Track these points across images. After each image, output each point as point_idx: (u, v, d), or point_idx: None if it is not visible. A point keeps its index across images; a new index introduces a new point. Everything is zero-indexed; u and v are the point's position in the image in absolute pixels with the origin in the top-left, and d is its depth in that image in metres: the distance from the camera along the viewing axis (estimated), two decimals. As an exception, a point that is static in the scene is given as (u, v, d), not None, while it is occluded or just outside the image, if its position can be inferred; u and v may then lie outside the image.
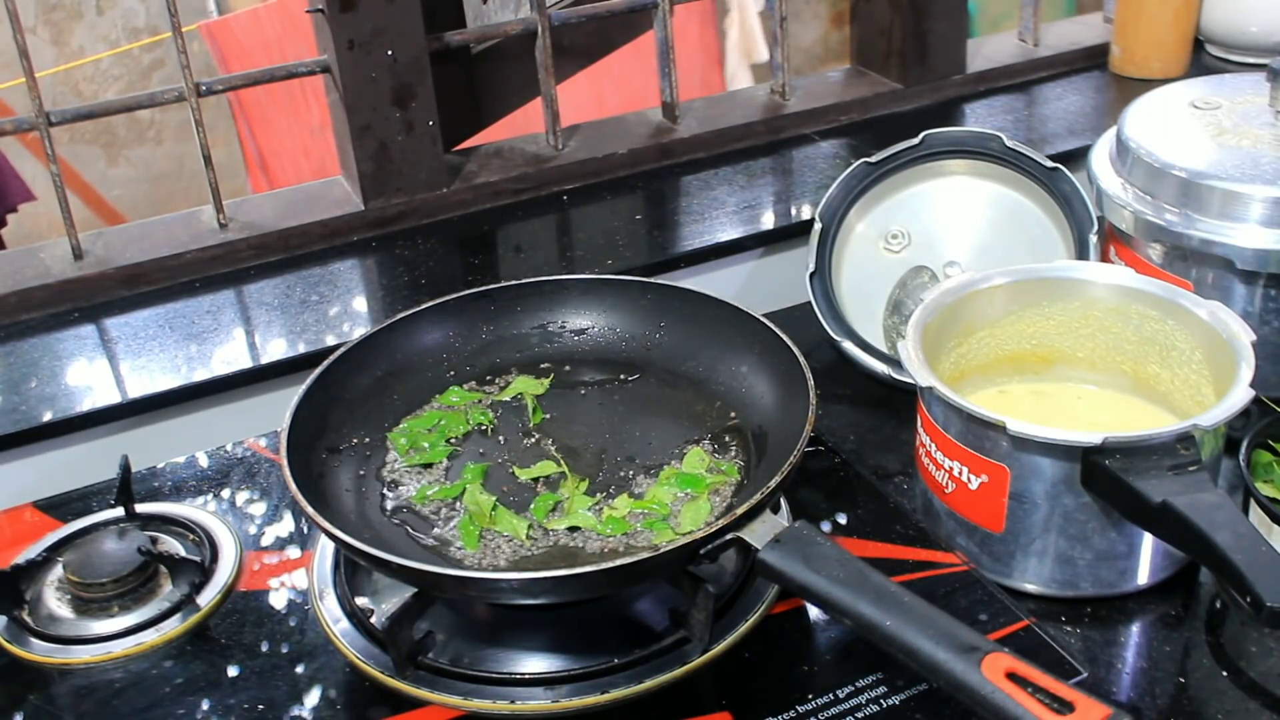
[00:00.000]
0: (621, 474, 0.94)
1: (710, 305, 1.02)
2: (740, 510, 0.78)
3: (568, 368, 1.04)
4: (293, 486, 0.84)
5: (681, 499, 0.90)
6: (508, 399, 1.01)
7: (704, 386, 1.00)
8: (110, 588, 0.92)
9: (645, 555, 0.78)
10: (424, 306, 1.04)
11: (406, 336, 1.02)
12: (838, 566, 0.74)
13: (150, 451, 1.10)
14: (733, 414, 0.97)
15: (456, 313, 1.04)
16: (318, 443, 0.94)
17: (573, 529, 0.89)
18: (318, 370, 0.96)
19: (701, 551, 0.79)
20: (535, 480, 0.93)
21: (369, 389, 0.99)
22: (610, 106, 1.71)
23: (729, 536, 0.78)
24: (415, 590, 0.83)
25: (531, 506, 0.90)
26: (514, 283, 1.06)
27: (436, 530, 0.90)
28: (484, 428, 0.99)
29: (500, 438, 0.98)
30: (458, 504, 0.92)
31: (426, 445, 0.97)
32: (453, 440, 0.98)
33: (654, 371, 1.03)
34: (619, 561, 0.77)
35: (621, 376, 1.03)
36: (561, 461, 0.94)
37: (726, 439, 0.96)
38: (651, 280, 1.06)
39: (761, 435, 0.95)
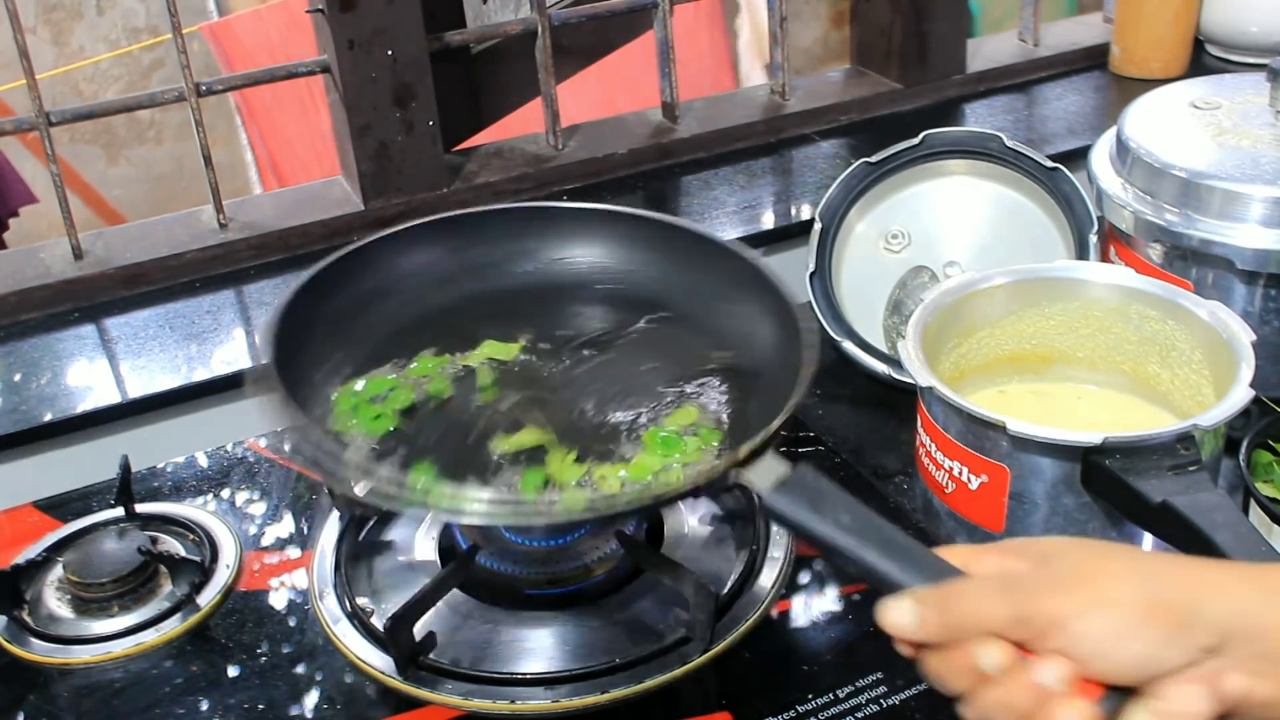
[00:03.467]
0: (614, 426, 0.87)
1: (704, 244, 0.96)
2: (742, 451, 0.74)
3: (556, 307, 0.97)
4: (279, 391, 0.79)
5: (669, 466, 0.84)
6: (475, 364, 0.92)
7: (695, 325, 0.94)
8: (110, 588, 0.92)
9: (646, 498, 0.75)
10: (399, 228, 0.97)
11: (380, 259, 0.96)
12: (844, 511, 0.71)
13: (150, 451, 1.10)
14: (725, 354, 0.92)
15: (433, 237, 0.97)
16: (300, 355, 0.87)
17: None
18: (306, 275, 0.90)
19: (701, 492, 0.76)
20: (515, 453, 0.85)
21: (353, 305, 0.93)
22: (621, 108, 1.71)
23: (731, 478, 0.75)
24: (418, 590, 0.83)
25: (519, 482, 0.82)
26: (495, 207, 1.01)
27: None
28: (440, 399, 0.89)
29: (471, 403, 0.89)
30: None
31: (364, 417, 0.87)
32: (399, 411, 0.87)
33: (649, 309, 0.96)
34: (625, 503, 0.76)
35: (616, 315, 0.96)
36: (546, 428, 0.86)
37: (720, 380, 0.90)
38: (647, 214, 1.01)
39: (756, 377, 0.89)
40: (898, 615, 0.63)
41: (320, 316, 0.91)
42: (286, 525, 1.00)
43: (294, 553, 0.97)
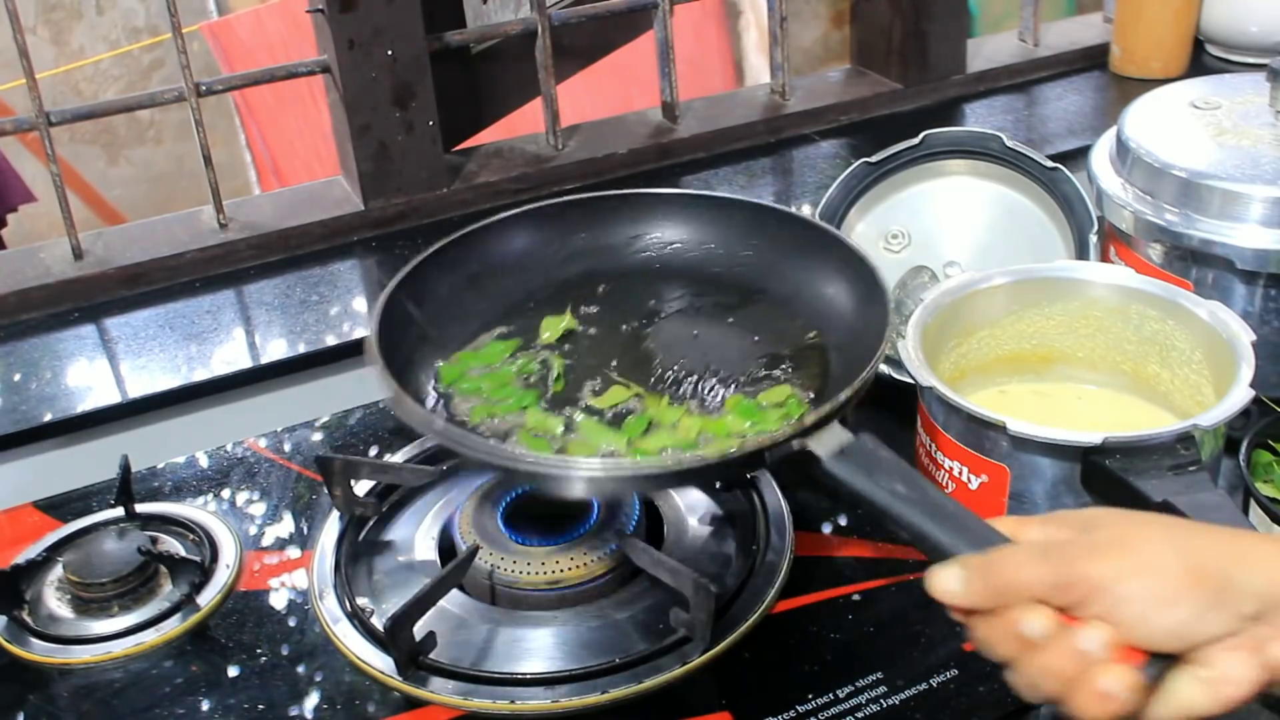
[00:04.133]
0: (702, 389, 0.91)
1: (797, 224, 1.01)
2: (810, 420, 0.78)
3: (643, 284, 1.01)
4: (382, 367, 0.82)
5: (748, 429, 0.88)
6: (554, 341, 0.96)
7: (788, 304, 0.98)
8: (110, 588, 0.92)
9: (713, 458, 0.78)
10: (522, 209, 1.01)
11: (501, 238, 1.00)
12: (899, 480, 0.73)
13: (150, 451, 1.10)
14: (813, 333, 0.96)
15: (555, 217, 1.02)
16: (409, 330, 0.91)
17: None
18: (416, 260, 0.94)
19: (769, 457, 0.78)
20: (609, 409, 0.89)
21: (460, 288, 0.97)
22: (639, 106, 1.71)
23: (796, 445, 0.78)
24: (418, 590, 0.83)
25: (623, 427, 0.87)
26: (610, 193, 1.04)
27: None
28: (530, 377, 0.93)
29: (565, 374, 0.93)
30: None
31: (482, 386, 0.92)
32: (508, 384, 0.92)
33: (739, 288, 1.00)
34: (691, 463, 0.78)
35: (706, 293, 1.01)
36: (631, 385, 0.91)
37: (806, 357, 0.94)
38: (743, 198, 1.05)
39: (840, 351, 0.93)
40: (945, 581, 0.65)
41: (430, 296, 0.94)
42: (286, 525, 1.00)
43: (294, 553, 0.97)
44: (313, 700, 0.84)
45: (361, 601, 0.90)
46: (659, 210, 1.03)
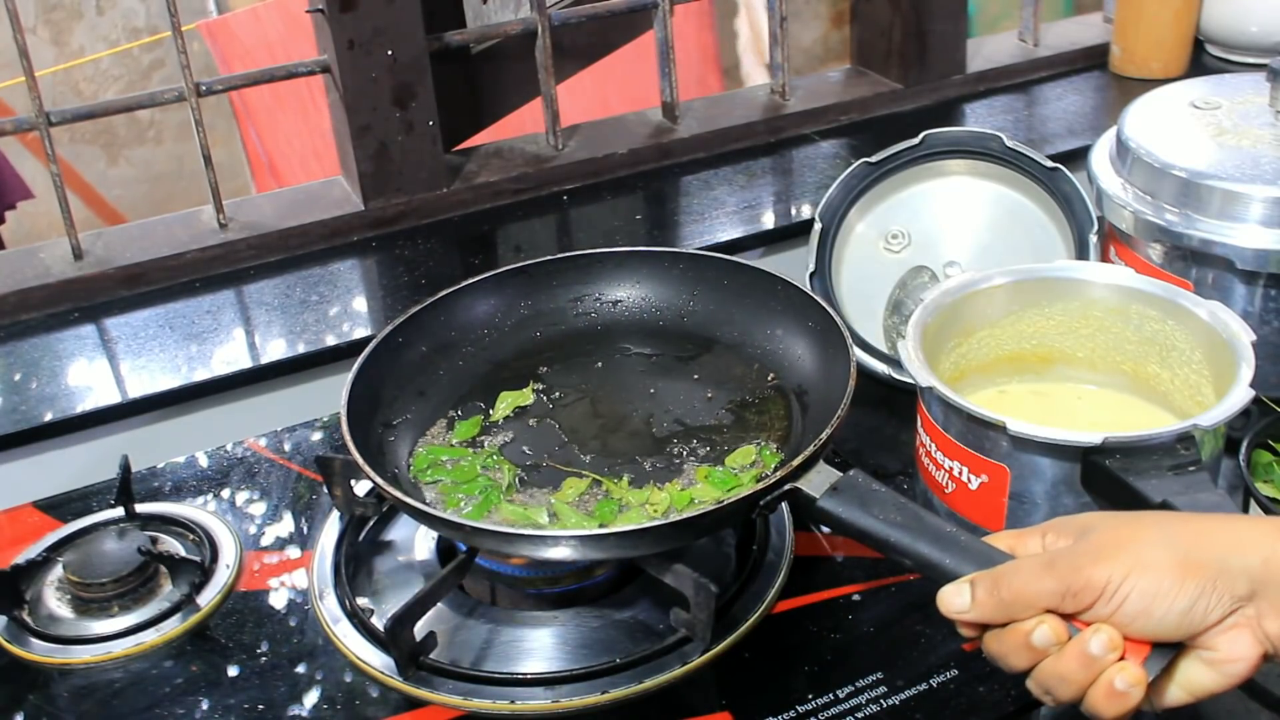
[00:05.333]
0: (668, 451, 0.93)
1: (741, 272, 1.03)
2: (796, 461, 0.80)
3: (593, 345, 1.04)
4: (355, 454, 0.85)
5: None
6: (510, 413, 0.99)
7: (740, 351, 1.01)
8: (110, 588, 0.92)
9: (709, 508, 0.80)
10: (464, 284, 1.03)
11: (449, 312, 1.02)
12: (894, 510, 0.76)
13: (150, 451, 1.10)
14: (771, 375, 0.98)
15: (495, 288, 1.05)
16: (374, 418, 0.94)
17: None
18: (369, 346, 0.96)
19: (761, 503, 0.80)
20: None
21: (417, 365, 0.99)
22: (615, 109, 1.71)
23: (787, 487, 0.80)
24: (418, 590, 0.83)
25: (594, 513, 0.88)
26: (549, 258, 1.06)
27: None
28: (492, 466, 0.94)
29: (521, 460, 0.95)
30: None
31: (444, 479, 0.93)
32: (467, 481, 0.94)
33: (690, 339, 1.03)
34: (686, 514, 0.80)
35: (658, 348, 1.03)
36: (585, 474, 0.92)
37: (767, 401, 0.96)
38: (682, 250, 1.08)
39: (803, 393, 0.96)
40: (955, 600, 0.68)
41: (392, 374, 0.98)
42: (286, 525, 1.00)
43: (294, 553, 0.97)
44: (312, 700, 0.84)
45: (361, 601, 0.90)
46: (595, 270, 1.06)
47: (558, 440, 0.96)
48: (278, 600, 0.93)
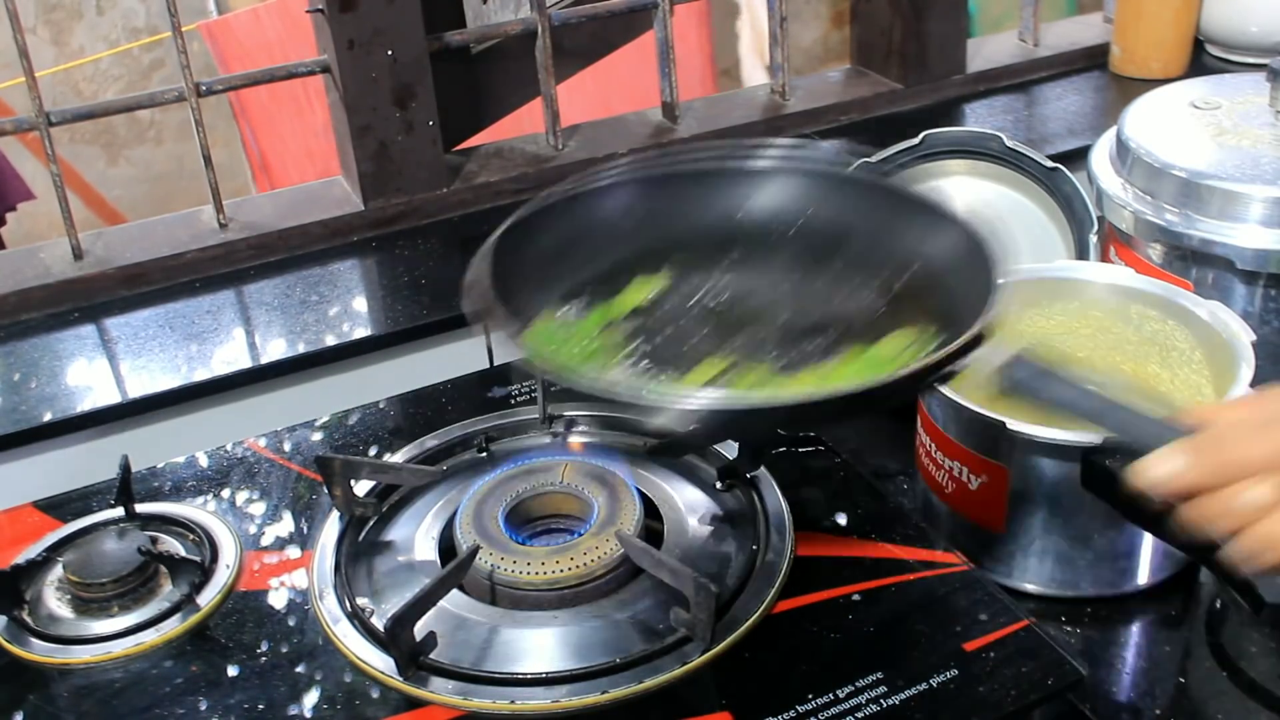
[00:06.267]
0: (811, 341, 0.88)
1: (900, 197, 0.97)
2: (976, 329, 0.77)
3: (739, 249, 0.99)
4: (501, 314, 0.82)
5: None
6: (644, 302, 0.94)
7: (882, 251, 0.95)
8: (110, 588, 0.92)
9: (892, 377, 0.77)
10: (609, 181, 0.98)
11: (585, 206, 0.97)
12: (1078, 381, 0.76)
13: (150, 451, 1.10)
14: (917, 264, 0.93)
15: (638, 189, 0.99)
16: (506, 304, 0.88)
17: None
18: (497, 232, 0.92)
19: (949, 367, 0.77)
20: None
21: (551, 249, 0.95)
22: (615, 109, 1.71)
23: (970, 354, 0.77)
24: (418, 590, 0.83)
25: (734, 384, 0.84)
26: (706, 167, 1.01)
27: None
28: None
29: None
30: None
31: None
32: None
33: (830, 238, 0.97)
34: (866, 384, 0.77)
35: (795, 248, 0.97)
36: (718, 358, 0.87)
37: (913, 292, 0.91)
38: (841, 171, 1.02)
39: (947, 279, 0.90)
40: (1164, 466, 0.67)
41: (523, 259, 0.93)
42: (286, 525, 1.00)
43: (294, 553, 0.97)
44: (312, 700, 0.84)
45: (361, 601, 0.90)
46: (750, 181, 1.00)
47: (694, 330, 0.92)
48: (277, 600, 0.93)
